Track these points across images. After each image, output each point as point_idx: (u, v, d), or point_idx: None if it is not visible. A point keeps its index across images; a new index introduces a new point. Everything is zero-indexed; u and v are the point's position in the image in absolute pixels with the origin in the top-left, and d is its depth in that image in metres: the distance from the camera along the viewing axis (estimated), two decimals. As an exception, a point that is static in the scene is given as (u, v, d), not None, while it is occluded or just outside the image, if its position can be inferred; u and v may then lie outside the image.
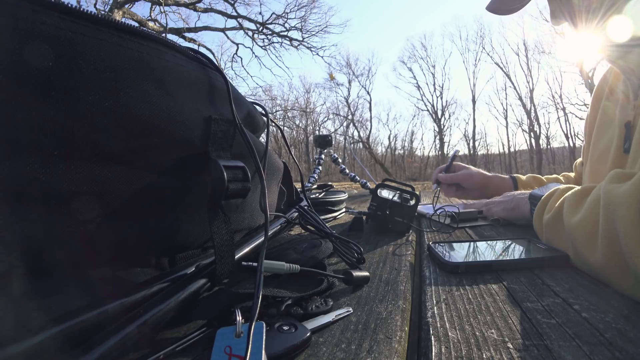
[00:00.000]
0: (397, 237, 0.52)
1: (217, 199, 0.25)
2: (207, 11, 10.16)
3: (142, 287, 0.22)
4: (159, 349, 0.21)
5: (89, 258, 0.21)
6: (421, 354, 0.23)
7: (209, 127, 0.26)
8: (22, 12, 0.16)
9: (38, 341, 0.16)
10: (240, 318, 0.22)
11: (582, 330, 0.23)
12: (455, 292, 0.31)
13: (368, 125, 18.67)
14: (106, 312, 0.19)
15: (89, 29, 0.18)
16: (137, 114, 0.20)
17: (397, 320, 0.26)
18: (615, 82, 0.60)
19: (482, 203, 0.72)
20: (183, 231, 0.27)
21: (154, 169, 0.23)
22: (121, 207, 0.22)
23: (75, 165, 0.19)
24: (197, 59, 0.26)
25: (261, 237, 0.33)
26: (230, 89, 0.29)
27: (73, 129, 0.18)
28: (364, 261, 0.38)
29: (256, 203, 0.36)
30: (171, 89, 0.23)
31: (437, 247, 0.42)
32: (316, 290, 0.29)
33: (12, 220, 0.17)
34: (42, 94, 0.17)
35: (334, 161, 1.38)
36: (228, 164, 0.26)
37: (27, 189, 0.17)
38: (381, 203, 0.55)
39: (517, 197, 0.59)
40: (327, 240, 0.40)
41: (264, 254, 0.25)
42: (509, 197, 0.62)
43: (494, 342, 0.22)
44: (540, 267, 0.37)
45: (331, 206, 0.72)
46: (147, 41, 0.22)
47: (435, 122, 18.81)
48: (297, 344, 0.22)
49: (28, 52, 0.16)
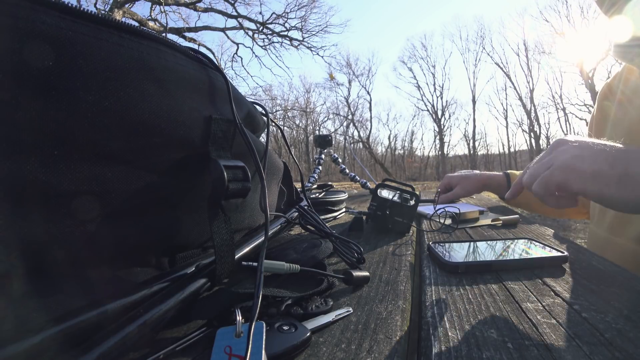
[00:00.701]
0: (397, 237, 0.52)
1: (217, 199, 0.25)
2: (207, 11, 10.16)
3: (142, 287, 0.22)
4: (159, 349, 0.21)
5: (89, 258, 0.21)
6: (421, 354, 0.23)
7: (209, 126, 0.26)
8: (22, 11, 0.16)
9: (38, 341, 0.16)
10: (240, 318, 0.22)
11: (582, 330, 0.23)
12: (455, 292, 0.31)
13: (368, 125, 18.68)
14: (106, 312, 0.19)
15: (89, 28, 0.18)
16: (137, 113, 0.20)
17: (397, 320, 0.26)
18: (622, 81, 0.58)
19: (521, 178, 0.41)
20: (183, 231, 0.27)
21: (154, 168, 0.23)
22: (121, 207, 0.21)
23: (76, 165, 0.19)
24: (198, 58, 0.26)
25: (261, 237, 0.33)
26: (231, 88, 0.29)
27: (73, 128, 0.18)
28: (364, 261, 0.38)
29: (256, 203, 0.36)
30: (171, 88, 0.23)
31: (437, 247, 0.42)
32: (316, 290, 0.29)
33: (12, 220, 0.17)
34: (42, 94, 0.17)
35: (334, 161, 1.38)
36: (228, 163, 0.26)
37: (27, 189, 0.17)
38: (381, 203, 0.54)
39: (611, 149, 0.32)
40: (327, 240, 0.40)
41: (264, 254, 0.25)
42: (586, 151, 0.32)
43: (494, 342, 0.22)
44: (540, 267, 0.37)
45: (331, 206, 0.72)
46: (148, 41, 0.22)
47: (435, 122, 18.82)
48: (297, 344, 0.22)
49: (28, 52, 0.16)
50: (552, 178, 0.33)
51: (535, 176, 0.36)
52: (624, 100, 0.57)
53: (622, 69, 0.61)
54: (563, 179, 0.33)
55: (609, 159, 0.31)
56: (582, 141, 0.35)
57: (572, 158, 0.33)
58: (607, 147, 0.32)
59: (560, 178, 0.33)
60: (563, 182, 0.33)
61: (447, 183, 0.88)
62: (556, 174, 0.33)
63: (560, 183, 0.33)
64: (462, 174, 0.86)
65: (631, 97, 0.55)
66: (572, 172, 0.32)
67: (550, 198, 0.34)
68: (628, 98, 0.56)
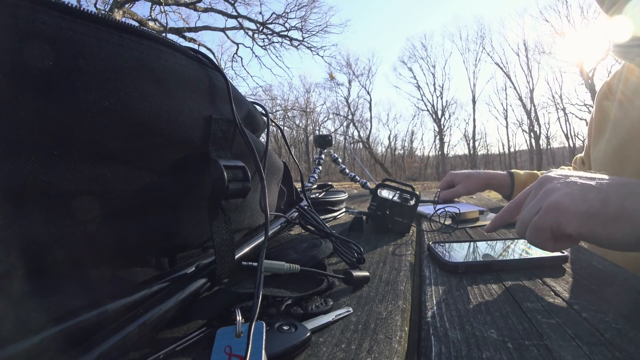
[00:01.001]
0: (397, 237, 0.52)
1: (217, 199, 0.25)
2: (207, 11, 10.16)
3: (142, 287, 0.22)
4: (159, 349, 0.21)
5: (89, 258, 0.21)
6: (421, 354, 0.23)
7: (209, 126, 0.26)
8: (22, 11, 0.16)
9: (38, 341, 0.16)
10: (240, 318, 0.22)
11: (582, 330, 0.23)
12: (455, 292, 0.31)
13: (368, 125, 18.69)
14: (106, 312, 0.19)
15: (89, 28, 0.18)
16: (137, 113, 0.20)
17: (397, 320, 0.26)
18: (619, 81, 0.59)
19: (511, 208, 0.39)
20: (183, 231, 0.27)
21: (154, 168, 0.23)
22: (121, 207, 0.21)
23: (76, 164, 0.19)
24: (198, 58, 0.26)
25: (261, 237, 0.33)
26: (231, 88, 0.29)
27: (73, 128, 0.18)
28: (364, 261, 0.38)
29: (256, 203, 0.36)
30: (171, 88, 0.23)
31: (437, 247, 0.42)
32: (316, 290, 0.29)
33: (12, 220, 0.17)
34: (42, 94, 0.17)
35: (334, 161, 1.38)
36: (228, 163, 0.26)
37: (27, 189, 0.17)
38: (381, 203, 0.54)
39: (602, 185, 0.30)
40: (327, 240, 0.40)
41: (264, 254, 0.25)
42: (575, 189, 0.30)
43: (494, 342, 0.22)
44: (540, 267, 0.37)
45: (331, 206, 0.72)
46: (148, 41, 0.22)
47: (435, 122, 18.82)
48: (297, 344, 0.22)
49: (28, 52, 0.16)
50: (543, 222, 0.30)
51: (525, 223, 0.33)
52: (624, 100, 0.57)
53: (621, 68, 0.61)
54: (555, 221, 0.30)
55: (601, 195, 0.28)
56: (569, 176, 0.32)
57: (561, 197, 0.30)
58: (595, 181, 0.30)
59: (552, 221, 0.30)
60: (556, 225, 0.30)
61: (449, 180, 0.86)
62: (546, 217, 0.30)
63: (553, 226, 0.30)
64: (465, 172, 0.85)
65: (631, 97, 0.55)
66: (563, 213, 0.29)
67: (548, 244, 0.32)
68: (628, 98, 0.56)
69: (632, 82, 0.56)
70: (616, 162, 0.55)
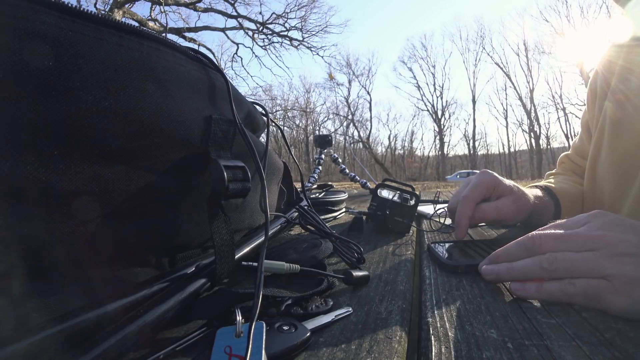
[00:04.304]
0: (397, 237, 0.52)
1: (217, 199, 0.25)
2: (207, 11, 10.16)
3: (142, 287, 0.22)
4: (159, 349, 0.21)
5: (89, 258, 0.21)
6: (421, 354, 0.23)
7: (209, 126, 0.26)
8: (22, 11, 0.16)
9: (38, 341, 0.16)
10: (240, 318, 0.22)
11: (582, 330, 0.23)
12: (455, 292, 0.31)
13: (368, 125, 18.70)
14: (106, 312, 0.19)
15: (89, 28, 0.18)
16: (137, 113, 0.20)
17: (397, 320, 0.26)
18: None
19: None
20: (183, 231, 0.27)
21: (154, 168, 0.23)
22: (121, 207, 0.21)
23: (76, 164, 0.19)
24: (198, 58, 0.26)
25: (261, 237, 0.33)
26: (231, 88, 0.29)
27: (73, 128, 0.18)
28: (364, 261, 0.38)
29: (256, 203, 0.36)
30: (171, 88, 0.23)
31: (437, 247, 0.42)
32: (316, 290, 0.29)
33: (12, 220, 0.17)
34: (42, 94, 0.17)
35: (334, 161, 1.38)
36: (228, 163, 0.26)
37: (27, 189, 0.17)
38: (381, 203, 0.54)
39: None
40: (327, 240, 0.40)
41: (264, 254, 0.25)
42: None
43: (493, 342, 0.22)
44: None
45: (331, 206, 0.72)
46: (148, 41, 0.22)
47: (435, 122, 18.84)
48: (297, 344, 0.22)
49: (28, 52, 0.16)
50: (596, 290, 0.24)
51: (570, 272, 0.25)
52: (624, 100, 0.57)
53: (610, 51, 0.58)
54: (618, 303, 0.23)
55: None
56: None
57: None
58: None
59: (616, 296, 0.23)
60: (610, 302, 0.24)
61: (490, 183, 0.46)
62: (617, 290, 0.23)
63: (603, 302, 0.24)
64: (512, 185, 0.48)
65: (632, 97, 0.55)
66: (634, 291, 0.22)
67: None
68: (628, 98, 0.56)
69: (633, 83, 0.56)
70: (624, 172, 0.53)
